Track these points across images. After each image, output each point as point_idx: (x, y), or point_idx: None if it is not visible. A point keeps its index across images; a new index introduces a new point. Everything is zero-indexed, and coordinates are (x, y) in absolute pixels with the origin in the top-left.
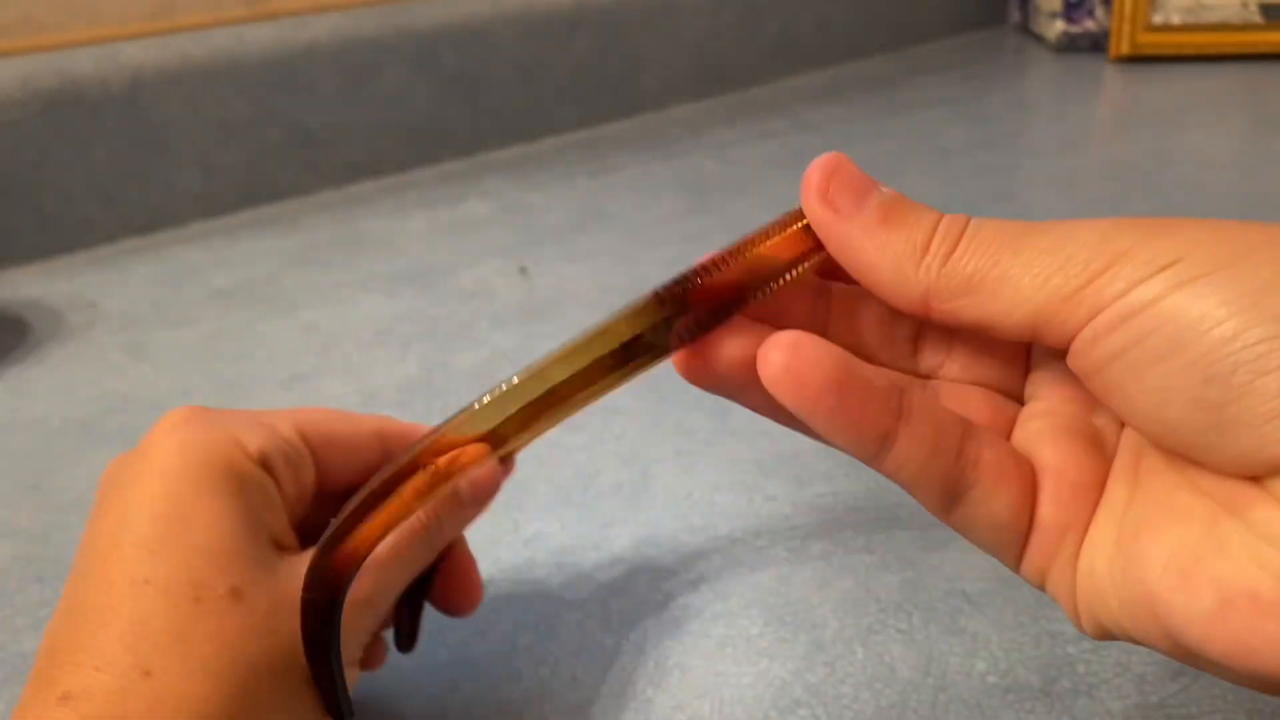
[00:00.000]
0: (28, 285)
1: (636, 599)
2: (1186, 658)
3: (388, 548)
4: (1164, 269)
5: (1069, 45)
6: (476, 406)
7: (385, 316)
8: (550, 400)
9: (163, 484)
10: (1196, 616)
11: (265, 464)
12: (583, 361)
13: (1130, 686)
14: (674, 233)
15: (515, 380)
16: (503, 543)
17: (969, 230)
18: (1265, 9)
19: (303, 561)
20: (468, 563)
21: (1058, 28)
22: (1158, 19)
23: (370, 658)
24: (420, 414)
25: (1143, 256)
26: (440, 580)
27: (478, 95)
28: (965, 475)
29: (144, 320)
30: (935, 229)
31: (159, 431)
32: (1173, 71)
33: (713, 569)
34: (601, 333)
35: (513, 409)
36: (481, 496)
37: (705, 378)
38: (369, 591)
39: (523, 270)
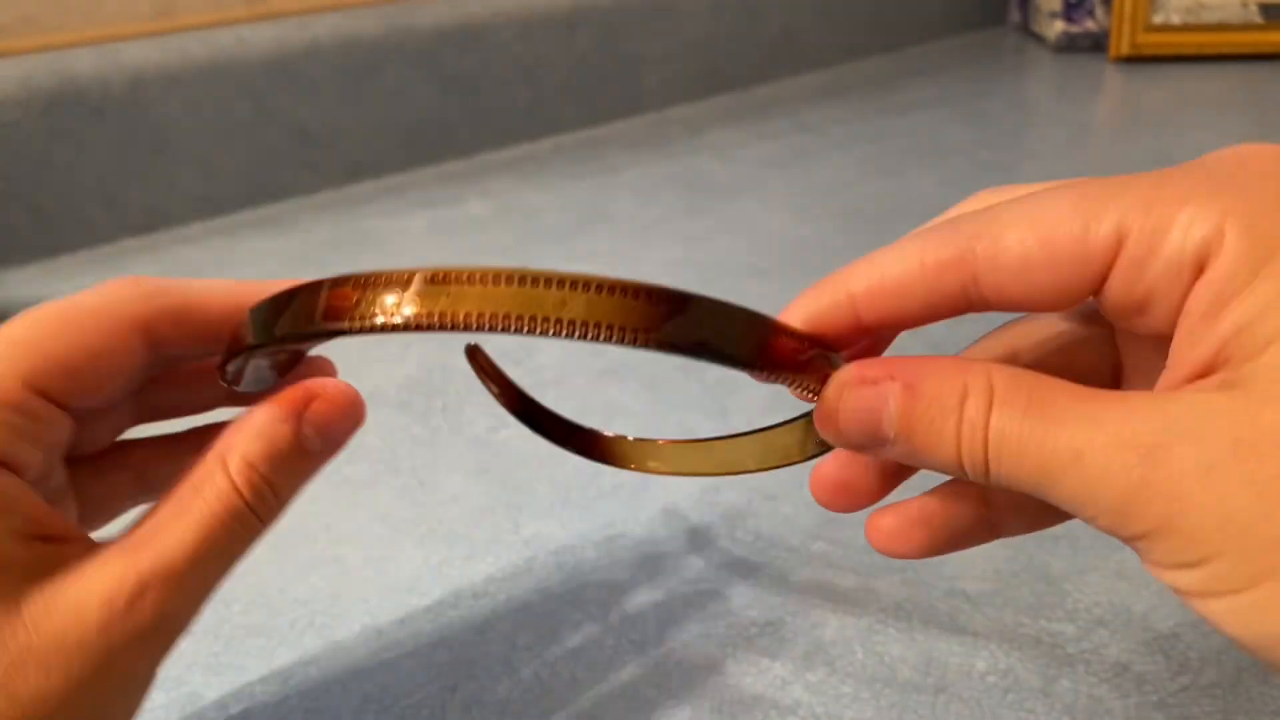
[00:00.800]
0: (28, 285)
1: (636, 599)
2: None
3: (184, 558)
4: (1185, 569)
5: (1069, 45)
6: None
7: None
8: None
9: None
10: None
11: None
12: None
13: (1130, 686)
14: (674, 233)
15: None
16: (503, 543)
17: (993, 423)
18: (1265, 9)
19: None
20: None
21: (1058, 28)
22: (1158, 19)
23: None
24: (420, 414)
25: (1163, 546)
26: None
27: (478, 95)
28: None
29: None
30: (960, 422)
31: None
32: (1173, 71)
33: (712, 569)
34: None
35: None
36: (333, 436)
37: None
38: (156, 617)
39: None
